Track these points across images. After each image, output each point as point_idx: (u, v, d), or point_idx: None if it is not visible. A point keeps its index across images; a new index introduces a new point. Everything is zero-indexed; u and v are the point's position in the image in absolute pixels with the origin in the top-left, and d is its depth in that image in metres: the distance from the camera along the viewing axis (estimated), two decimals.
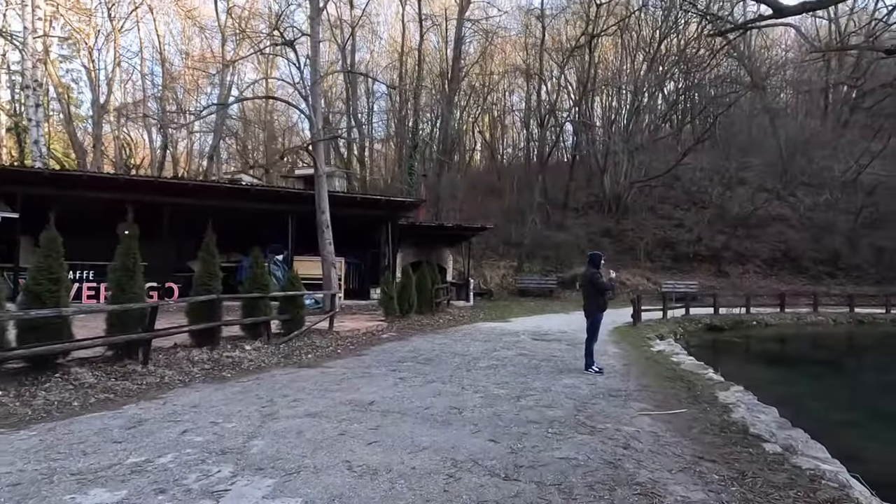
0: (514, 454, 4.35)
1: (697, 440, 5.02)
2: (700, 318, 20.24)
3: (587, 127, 34.70)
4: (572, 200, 34.41)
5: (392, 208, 18.55)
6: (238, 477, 3.75)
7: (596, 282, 8.25)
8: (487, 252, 30.28)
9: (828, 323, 22.74)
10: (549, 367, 8.56)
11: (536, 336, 12.72)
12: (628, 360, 9.94)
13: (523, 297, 25.59)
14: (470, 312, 18.25)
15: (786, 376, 12.26)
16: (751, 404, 6.83)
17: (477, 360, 9.07)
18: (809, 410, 8.26)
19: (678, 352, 11.91)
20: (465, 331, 13.36)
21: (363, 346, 10.39)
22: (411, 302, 14.61)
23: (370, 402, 5.96)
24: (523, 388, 6.90)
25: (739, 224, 31.62)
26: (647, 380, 8.01)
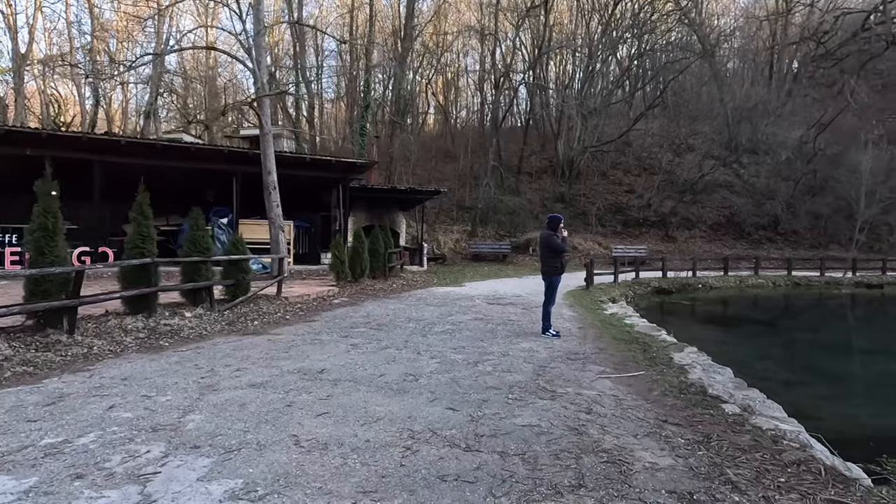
0: (475, 423, 4.12)
1: (659, 403, 4.92)
2: (649, 281, 20.66)
3: (541, 90, 34.40)
4: (526, 165, 34.31)
5: (343, 170, 17.86)
6: (170, 457, 3.36)
7: (552, 244, 8.06)
8: (441, 216, 29.95)
9: (768, 285, 23.67)
10: (506, 331, 8.39)
11: (492, 300, 12.58)
12: (584, 323, 9.91)
13: (477, 262, 25.50)
14: (424, 277, 17.98)
15: (732, 337, 12.62)
16: (706, 365, 6.86)
17: (432, 324, 8.81)
18: (758, 370, 8.44)
19: (631, 314, 12.01)
20: (419, 295, 13.08)
21: (313, 312, 9.96)
22: (363, 267, 14.18)
23: (320, 370, 5.61)
24: (481, 353, 6.69)
25: (687, 190, 32.34)
26: (604, 342, 7.96)
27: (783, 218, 31.92)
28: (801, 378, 8.52)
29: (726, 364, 7.31)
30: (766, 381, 7.18)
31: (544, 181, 33.87)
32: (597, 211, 31.25)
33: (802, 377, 8.61)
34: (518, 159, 33.81)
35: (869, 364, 10.28)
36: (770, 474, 3.36)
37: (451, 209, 30.69)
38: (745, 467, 3.45)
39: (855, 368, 9.74)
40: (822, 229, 32.48)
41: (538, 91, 34.96)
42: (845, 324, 16.21)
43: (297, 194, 20.30)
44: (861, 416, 6.70)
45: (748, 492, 3.09)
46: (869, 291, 24.39)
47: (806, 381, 8.30)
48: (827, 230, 32.55)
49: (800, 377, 8.58)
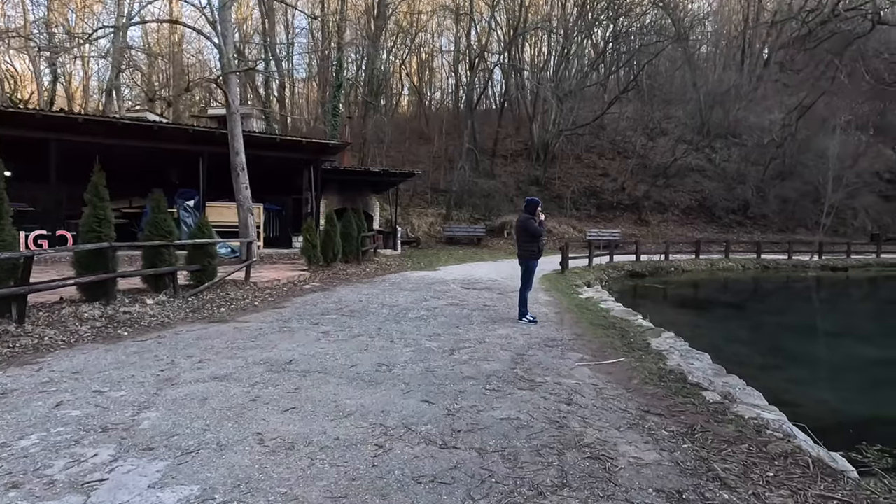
0: (451, 416, 3.92)
1: (639, 392, 4.79)
2: (623, 265, 20.75)
3: (517, 72, 34.08)
4: (501, 147, 34.08)
5: (314, 151, 17.37)
6: (120, 461, 3.08)
7: (529, 227, 7.86)
8: (415, 199, 29.61)
9: (738, 269, 24.02)
10: (482, 317, 8.21)
11: (467, 285, 12.40)
12: (560, 307, 9.80)
13: (451, 246, 25.30)
14: (398, 261, 17.70)
15: (706, 321, 12.70)
16: (684, 351, 6.79)
17: (406, 311, 8.58)
18: (733, 354, 8.44)
19: (606, 298, 11.97)
20: (393, 280, 12.82)
21: (283, 298, 9.63)
22: (336, 251, 13.84)
23: (289, 360, 5.34)
24: (456, 341, 6.50)
25: (660, 174, 32.55)
26: (581, 328, 7.84)
27: (753, 202, 32.42)
28: (774, 362, 8.56)
29: (702, 349, 7.28)
30: (742, 366, 7.15)
31: (519, 164, 33.72)
32: (571, 194, 31.26)
33: (776, 361, 8.65)
34: (493, 142, 33.55)
35: (836, 347, 10.43)
36: (758, 468, 3.24)
37: (425, 192, 30.35)
38: (732, 461, 3.33)
39: (824, 352, 9.86)
40: (789, 213, 33.10)
41: (513, 73, 34.63)
42: (812, 307, 16.51)
43: (268, 176, 19.74)
44: (834, 401, 6.73)
45: (738, 489, 2.95)
46: (834, 274, 24.96)
47: (780, 366, 8.34)
48: (795, 214, 33.18)
49: (773, 361, 8.62)
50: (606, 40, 36.40)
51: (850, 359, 9.33)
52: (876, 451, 4.89)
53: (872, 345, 10.52)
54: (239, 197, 14.13)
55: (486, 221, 28.39)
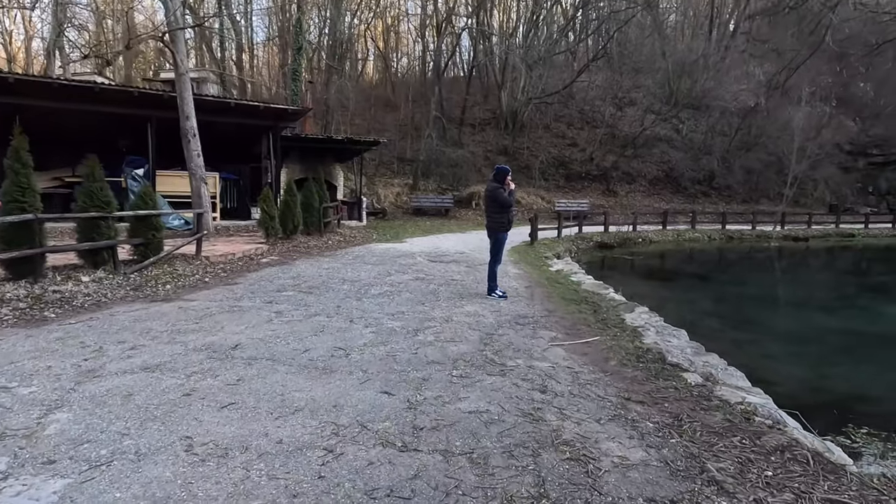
0: (413, 410, 3.48)
1: (618, 375, 4.44)
2: (592, 236, 20.58)
3: (485, 38, 33.16)
4: (469, 116, 33.34)
5: (273, 117, 16.44)
6: (10, 479, 2.56)
7: (499, 197, 7.38)
8: (381, 169, 28.81)
9: (703, 239, 24.16)
10: (449, 293, 7.77)
11: (433, 257, 11.93)
12: (530, 281, 9.44)
13: (419, 217, 24.73)
14: (362, 233, 17.09)
15: (676, 293, 12.56)
16: (659, 327, 6.50)
17: (369, 286, 8.08)
18: (706, 328, 8.25)
19: (576, 271, 11.68)
20: (356, 253, 12.26)
21: (237, 274, 9.01)
22: (296, 222, 13.16)
23: (234, 345, 4.81)
24: (421, 319, 6.05)
25: (629, 144, 32.40)
26: (553, 303, 7.48)
27: (718, 173, 32.63)
28: (748, 336, 8.40)
29: (674, 323, 7.03)
30: (717, 341, 6.91)
31: (487, 133, 33.09)
32: (540, 164, 30.89)
33: (749, 335, 8.49)
34: (461, 110, 32.77)
35: (804, 319, 10.34)
36: (755, 466, 2.90)
37: (391, 161, 29.55)
38: (726, 458, 2.99)
39: (793, 324, 9.76)
40: (753, 184, 33.47)
41: (482, 39, 33.70)
42: (777, 277, 16.62)
43: (224, 144, 18.74)
44: (813, 378, 6.56)
45: (737, 494, 2.60)
46: (795, 244, 25.35)
47: (754, 340, 8.17)
48: (758, 185, 33.58)
49: (747, 335, 8.45)
50: (576, 7, 35.69)
51: (819, 331, 9.24)
52: (864, 434, 4.67)
53: (837, 316, 10.51)
54: (191, 165, 13.25)
55: (454, 192, 27.85)
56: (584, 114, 35.55)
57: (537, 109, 33.62)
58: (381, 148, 28.11)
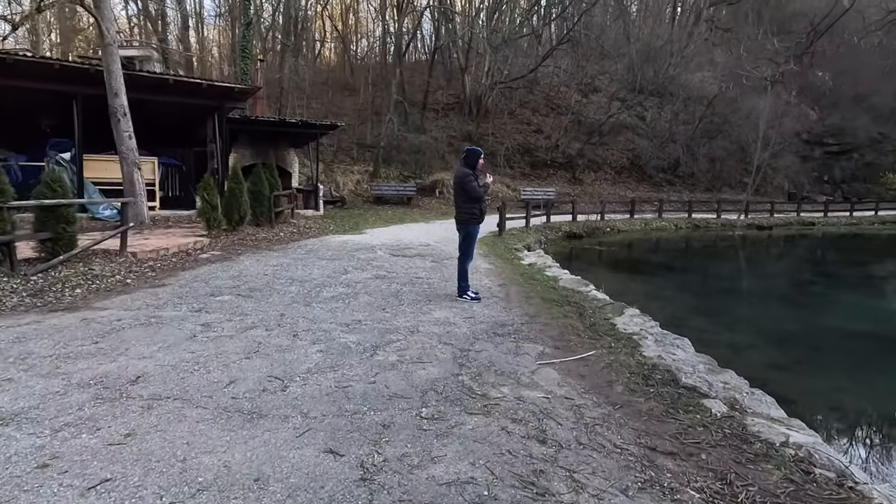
0: (367, 485, 2.47)
1: (629, 408, 3.54)
2: (560, 225, 19.87)
3: (447, 19, 31.94)
4: (432, 101, 32.14)
5: (218, 96, 14.96)
6: None
7: (466, 186, 6.35)
8: (340, 155, 27.40)
9: (670, 228, 23.83)
10: (414, 294, 6.76)
11: (395, 251, 10.88)
12: (503, 277, 8.52)
13: (380, 206, 23.52)
14: (319, 223, 15.85)
15: (655, 287, 11.84)
16: (657, 335, 5.65)
17: (321, 287, 6.99)
18: (698, 330, 7.47)
19: (550, 264, 10.84)
20: (310, 246, 11.09)
21: (167, 273, 7.77)
22: (242, 212, 11.88)
23: (136, 376, 3.70)
24: (382, 331, 5.03)
25: (595, 132, 31.86)
26: (532, 305, 6.56)
27: (683, 161, 32.46)
28: (744, 339, 7.67)
29: (662, 323, 6.26)
30: (713, 347, 6.16)
31: (451, 119, 31.98)
32: (505, 151, 30.02)
33: (744, 337, 7.78)
34: (423, 95, 31.51)
35: (796, 317, 9.55)
36: None
37: (350, 147, 28.16)
38: None
39: (787, 323, 9.01)
40: (717, 172, 33.50)
41: (444, 21, 32.47)
42: (755, 268, 16.11)
43: (166, 126, 17.20)
44: (830, 392, 5.85)
45: None
46: (759, 233, 25.33)
47: (752, 344, 7.42)
48: (721, 173, 33.62)
49: (742, 337, 7.73)
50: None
51: (813, 330, 8.55)
52: None
53: (827, 313, 9.95)
54: (121, 148, 11.81)
55: (417, 179, 26.71)
56: (550, 100, 34.83)
57: (502, 95, 32.69)
58: (340, 133, 26.76)
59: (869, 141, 39.67)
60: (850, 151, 40.29)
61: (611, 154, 32.68)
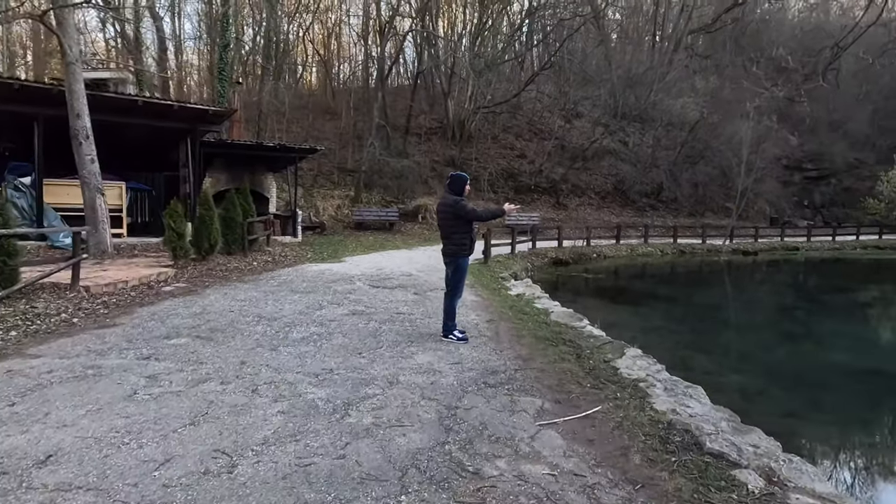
0: None
1: (654, 488, 2.92)
2: (546, 251, 19.40)
3: (430, 44, 31.82)
4: (415, 125, 31.82)
5: (191, 118, 14.33)
6: None
7: (460, 212, 5.75)
8: (320, 180, 26.79)
9: (656, 254, 23.49)
10: (395, 334, 6.12)
11: (376, 281, 10.23)
12: (491, 311, 7.92)
13: (361, 231, 22.88)
14: (296, 250, 15.14)
15: (649, 320, 11.28)
16: (666, 381, 5.06)
17: (291, 326, 6.31)
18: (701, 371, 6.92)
19: (539, 295, 10.27)
20: (284, 277, 10.39)
21: (122, 310, 7.04)
22: (213, 240, 11.17)
23: (46, 455, 2.99)
24: (357, 383, 4.38)
25: (578, 157, 31.74)
26: (524, 346, 5.96)
27: (666, 186, 32.42)
28: (753, 382, 7.09)
29: (664, 362, 5.69)
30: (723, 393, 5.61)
31: (434, 143, 31.64)
32: (489, 176, 29.67)
33: (753, 380, 7.19)
34: (406, 119, 31.18)
35: (802, 354, 8.88)
36: None
37: (331, 172, 27.57)
38: None
39: (795, 361, 8.42)
40: (699, 197, 33.50)
41: (427, 46, 32.36)
42: (748, 297, 15.61)
43: (136, 150, 16.51)
44: (864, 449, 5.29)
45: None
46: (745, 258, 25.11)
47: (763, 390, 6.82)
48: (704, 198, 33.64)
49: (751, 380, 7.15)
50: (523, 15, 34.99)
51: (822, 368, 7.87)
52: None
53: (831, 348, 9.38)
54: (83, 172, 11.09)
55: (399, 204, 26.16)
56: (533, 125, 34.76)
57: (485, 120, 32.52)
58: (321, 157, 26.22)
59: (846, 166, 40.29)
60: (828, 177, 40.85)
61: (594, 179, 32.55)
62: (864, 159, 40.28)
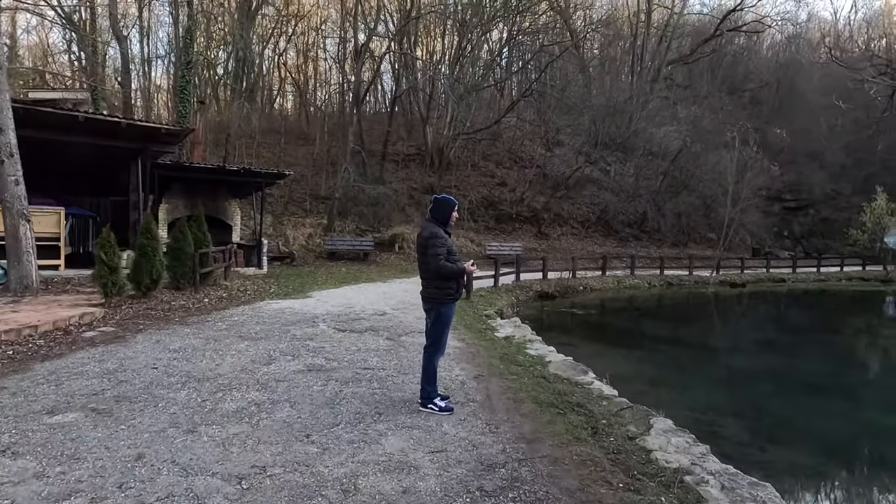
0: None
1: None
2: (531, 284, 18.19)
3: (408, 69, 30.96)
4: (392, 152, 30.72)
5: (142, 138, 12.92)
6: None
7: (432, 259, 4.46)
8: (291, 207, 25.37)
9: (644, 286, 22.50)
10: (359, 402, 4.77)
11: (343, 323, 8.85)
12: (478, 362, 6.61)
13: (333, 262, 21.43)
14: (259, 284, 13.66)
15: (653, 367, 9.89)
16: (719, 473, 3.77)
17: (226, 390, 4.91)
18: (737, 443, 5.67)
19: (531, 338, 9.00)
20: (236, 318, 8.94)
21: (17, 365, 5.57)
22: (156, 274, 9.70)
23: None
24: (295, 497, 3.02)
25: (561, 185, 30.94)
26: (526, 417, 4.66)
27: (650, 216, 31.74)
28: (804, 458, 5.80)
29: (679, 422, 4.47)
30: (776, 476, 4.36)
31: (412, 170, 30.53)
32: (469, 204, 28.58)
33: (803, 455, 5.88)
34: (383, 144, 30.07)
35: (837, 411, 7.56)
36: None
37: (303, 199, 26.18)
38: None
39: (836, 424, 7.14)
40: (682, 227, 32.89)
41: (405, 71, 31.52)
42: (755, 337, 14.17)
43: (80, 171, 15.01)
44: None
45: None
46: (733, 290, 24.30)
47: (822, 467, 5.60)
48: (687, 228, 33.05)
49: (801, 456, 5.85)
50: (503, 43, 34.51)
51: (870, 432, 6.67)
52: None
53: (863, 402, 8.17)
54: (5, 196, 9.60)
55: (375, 233, 24.82)
56: (514, 153, 33.96)
57: (465, 147, 31.61)
58: (292, 184, 24.91)
59: (824, 197, 40.35)
60: (807, 207, 40.83)
61: (577, 208, 31.72)
62: (840, 190, 40.41)
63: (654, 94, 36.11)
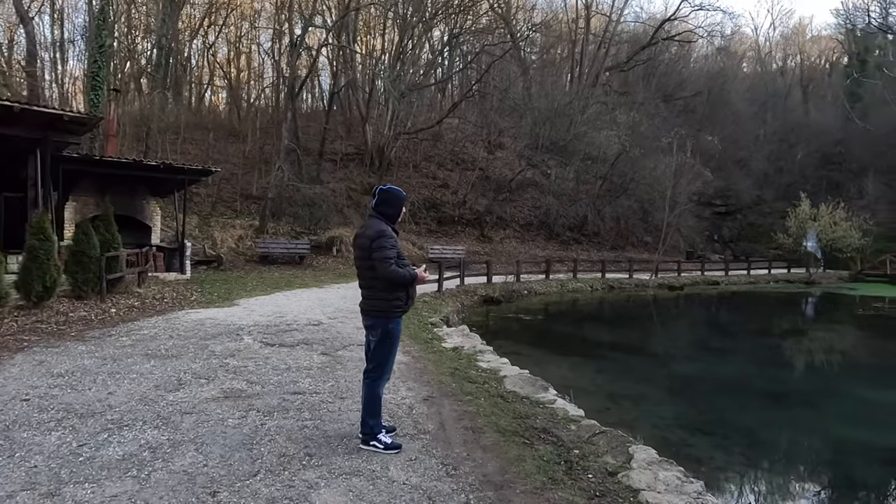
0: None
1: None
2: (475, 288, 17.60)
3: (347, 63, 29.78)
4: (329, 151, 29.47)
5: (41, 126, 11.33)
6: None
7: (379, 258, 3.67)
8: (219, 207, 23.70)
9: (586, 289, 22.40)
10: (284, 440, 3.88)
11: (272, 335, 7.83)
12: (427, 380, 5.84)
13: (265, 266, 20.05)
14: (179, 291, 12.30)
15: (609, 378, 9.29)
16: None
17: (113, 429, 3.90)
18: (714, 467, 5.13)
19: (481, 348, 8.31)
20: (146, 331, 7.74)
21: None
22: (50, 281, 8.35)
23: None
24: None
25: (504, 188, 30.64)
26: (488, 452, 3.91)
27: (590, 219, 31.97)
28: (792, 484, 5.35)
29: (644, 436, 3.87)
30: None
31: (351, 170, 29.37)
32: (410, 206, 27.76)
33: (786, 477, 5.46)
34: (320, 143, 28.76)
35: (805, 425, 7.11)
36: None
37: (233, 199, 24.56)
38: None
39: (803, 438, 6.74)
40: (620, 230, 33.35)
41: (344, 67, 30.34)
42: (705, 341, 13.88)
43: None
44: None
45: None
46: (671, 293, 24.64)
47: (805, 493, 5.16)
48: (625, 231, 33.53)
49: (785, 478, 5.41)
50: (444, 43, 33.97)
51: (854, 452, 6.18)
52: None
53: (839, 417, 7.58)
54: None
55: (311, 236, 23.53)
56: (456, 154, 33.42)
57: (406, 147, 30.77)
58: (221, 182, 23.33)
59: (750, 202, 42.26)
60: (735, 212, 42.61)
61: (519, 211, 31.52)
62: (763, 196, 42.48)
63: (593, 99, 36.56)
